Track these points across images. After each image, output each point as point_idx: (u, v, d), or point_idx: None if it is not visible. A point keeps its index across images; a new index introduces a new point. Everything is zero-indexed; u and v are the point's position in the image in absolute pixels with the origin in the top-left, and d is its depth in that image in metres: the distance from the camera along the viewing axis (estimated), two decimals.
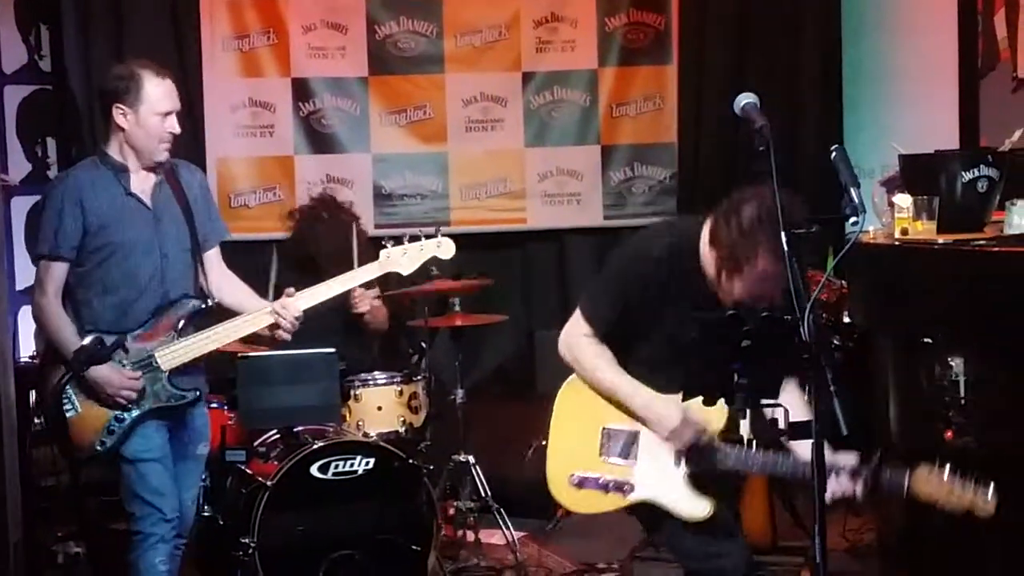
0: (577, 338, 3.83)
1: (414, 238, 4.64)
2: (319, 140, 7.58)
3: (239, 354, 4.28)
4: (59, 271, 4.35)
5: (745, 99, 3.58)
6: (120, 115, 4.32)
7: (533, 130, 7.71)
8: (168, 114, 4.36)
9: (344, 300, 6.25)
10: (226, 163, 7.48)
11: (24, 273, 6.89)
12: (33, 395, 5.53)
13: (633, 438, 3.79)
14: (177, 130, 4.41)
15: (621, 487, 3.77)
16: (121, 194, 4.37)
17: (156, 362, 4.34)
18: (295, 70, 7.52)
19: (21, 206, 6.93)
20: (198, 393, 4.46)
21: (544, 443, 6.26)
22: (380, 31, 7.56)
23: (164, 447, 4.41)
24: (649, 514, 3.81)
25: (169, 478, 4.39)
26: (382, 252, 4.63)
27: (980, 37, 6.15)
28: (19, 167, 6.99)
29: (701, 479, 3.70)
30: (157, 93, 4.33)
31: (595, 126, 7.71)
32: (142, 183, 4.42)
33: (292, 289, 4.49)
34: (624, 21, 7.68)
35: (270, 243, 6.61)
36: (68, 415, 4.29)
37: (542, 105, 7.71)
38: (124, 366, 4.29)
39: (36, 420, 5.54)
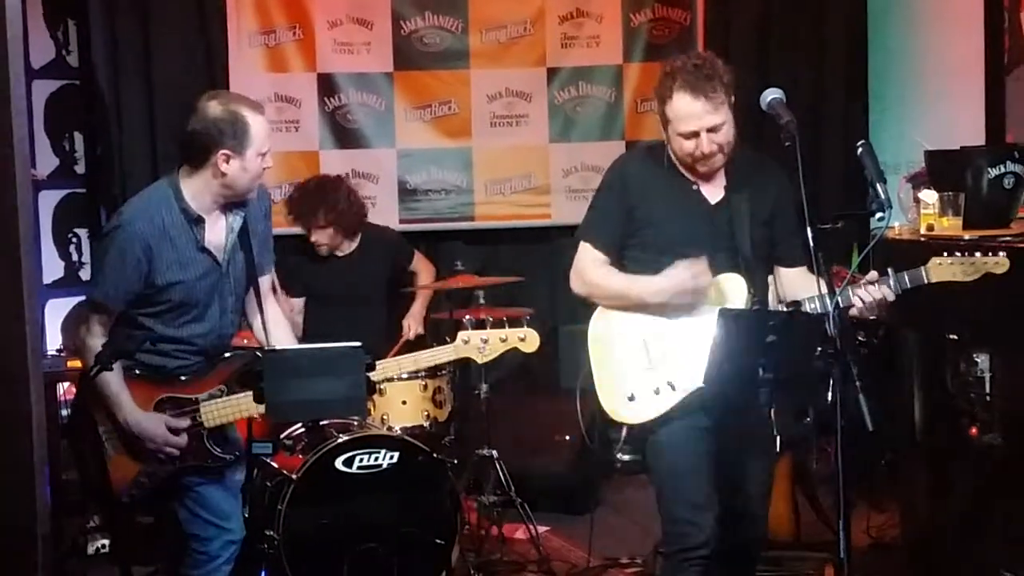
0: (585, 263, 4.02)
1: (497, 323, 4.62)
2: (344, 135, 7.58)
3: (264, 347, 4.28)
4: (110, 317, 4.15)
5: (772, 94, 3.62)
6: (224, 160, 4.06)
7: (558, 126, 7.70)
8: (268, 152, 4.16)
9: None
10: None
11: (50, 267, 6.95)
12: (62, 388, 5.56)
13: (671, 339, 3.89)
14: (271, 165, 4.22)
15: (672, 385, 3.85)
16: (193, 248, 4.13)
17: (200, 417, 4.20)
18: (320, 65, 7.53)
19: (48, 200, 7.00)
20: (237, 455, 4.32)
21: (568, 438, 6.33)
22: (405, 27, 7.56)
23: (216, 469, 4.29)
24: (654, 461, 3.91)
25: (230, 498, 4.29)
26: (460, 334, 4.47)
27: (1006, 33, 6.12)
28: (46, 162, 7.05)
29: None
30: (262, 133, 4.11)
31: (620, 122, 7.69)
32: (216, 232, 4.19)
33: None
34: (649, 16, 7.66)
35: (295, 238, 6.62)
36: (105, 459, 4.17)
37: (567, 101, 7.69)
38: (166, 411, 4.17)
39: (62, 413, 5.59)
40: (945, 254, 3.73)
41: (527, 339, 4.49)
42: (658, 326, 3.89)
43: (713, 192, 3.92)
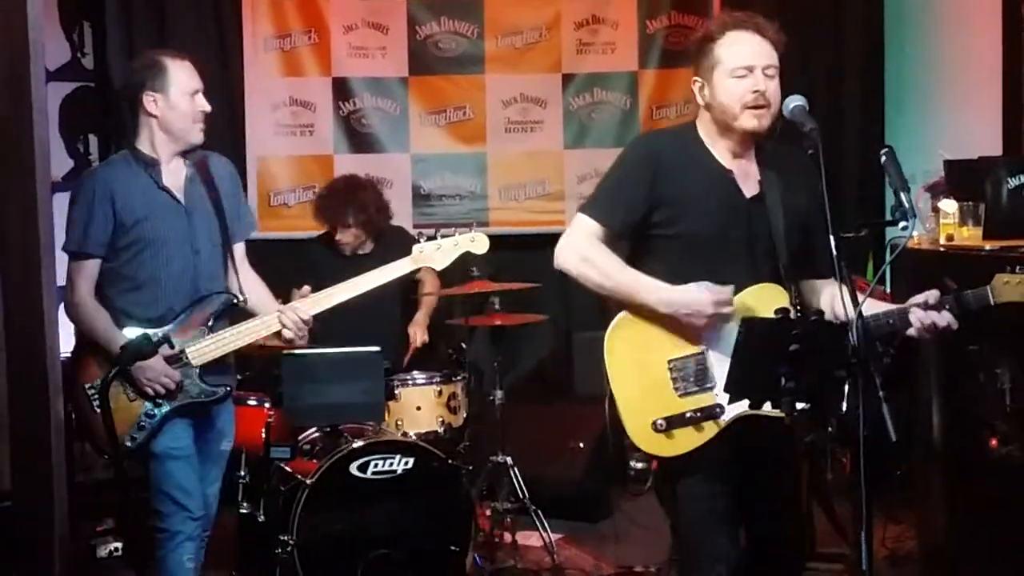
0: (579, 235, 3.65)
1: (446, 233, 4.60)
2: (359, 139, 7.60)
3: (284, 351, 4.29)
4: (90, 268, 4.35)
5: (794, 101, 3.55)
6: (151, 102, 4.33)
7: (572, 132, 7.69)
8: (196, 92, 4.37)
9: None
10: (266, 162, 7.52)
11: (62, 267, 6.93)
12: None
13: (702, 362, 3.61)
14: (207, 108, 4.41)
15: (711, 414, 3.57)
16: (152, 188, 4.36)
17: (187, 357, 4.33)
18: (336, 69, 7.54)
19: (62, 202, 6.94)
20: (228, 389, 4.48)
21: (582, 445, 6.32)
22: (421, 31, 7.57)
23: (191, 446, 4.41)
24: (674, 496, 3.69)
25: (195, 476, 4.40)
26: (415, 247, 4.58)
27: None
28: (61, 163, 7.04)
29: None
30: (182, 74, 4.35)
31: (635, 128, 7.66)
32: (174, 176, 4.41)
33: (307, 288, 4.46)
34: (665, 23, 7.65)
35: (308, 241, 6.62)
36: (97, 410, 4.25)
37: (582, 107, 7.69)
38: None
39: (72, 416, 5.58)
40: (1008, 268, 3.47)
41: (476, 240, 4.62)
42: (684, 349, 3.62)
43: (748, 183, 3.66)
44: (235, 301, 4.46)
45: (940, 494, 5.01)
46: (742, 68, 3.59)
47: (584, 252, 3.64)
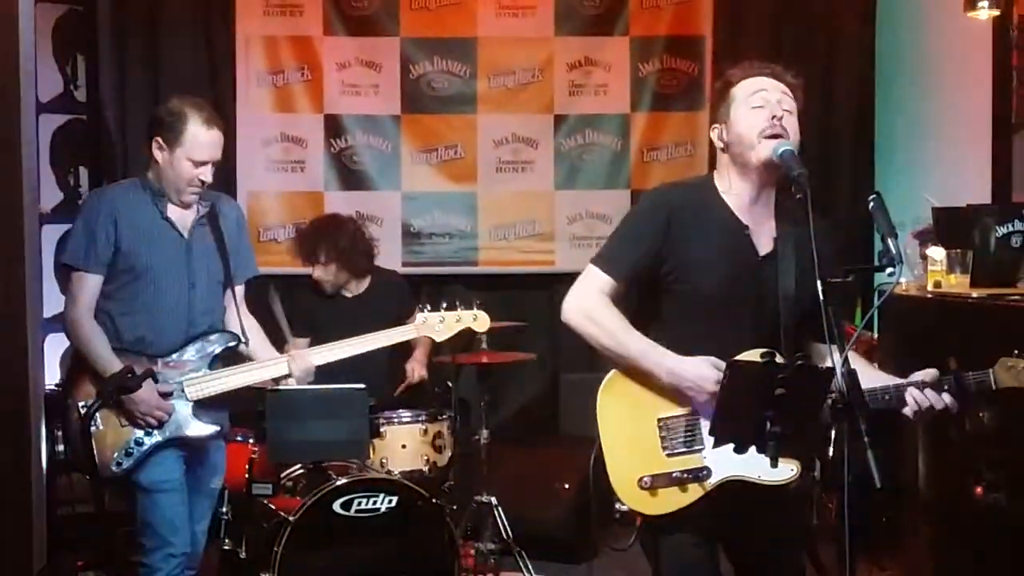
0: (589, 289, 3.57)
1: (451, 307, 4.75)
2: (350, 177, 7.61)
3: (268, 387, 4.28)
4: (92, 283, 4.34)
5: (783, 146, 3.53)
6: (157, 149, 4.35)
7: (563, 173, 7.71)
8: (204, 164, 4.35)
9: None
10: (256, 197, 7.52)
11: (50, 300, 6.91)
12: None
13: (692, 423, 3.54)
14: (209, 179, 4.38)
15: (697, 476, 3.50)
16: (156, 218, 4.38)
17: (184, 391, 4.34)
18: (328, 106, 7.56)
19: (51, 235, 6.95)
20: (220, 428, 4.47)
21: (567, 486, 6.28)
22: (414, 70, 7.60)
23: (182, 479, 4.40)
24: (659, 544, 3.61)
25: (184, 511, 4.38)
26: (418, 315, 4.74)
27: (1014, 92, 6.12)
28: (51, 196, 7.01)
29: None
30: (198, 140, 4.32)
31: (626, 170, 7.70)
32: (180, 211, 4.43)
33: (303, 340, 4.48)
34: (657, 67, 7.68)
35: (298, 277, 6.61)
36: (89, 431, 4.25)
37: (573, 148, 7.71)
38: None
39: (57, 448, 5.55)
40: (1016, 353, 3.39)
41: (478, 319, 4.79)
42: (676, 408, 3.55)
43: (763, 240, 3.58)
44: (237, 343, 4.49)
45: (926, 541, 5.00)
46: (759, 99, 3.56)
47: (591, 311, 3.57)
